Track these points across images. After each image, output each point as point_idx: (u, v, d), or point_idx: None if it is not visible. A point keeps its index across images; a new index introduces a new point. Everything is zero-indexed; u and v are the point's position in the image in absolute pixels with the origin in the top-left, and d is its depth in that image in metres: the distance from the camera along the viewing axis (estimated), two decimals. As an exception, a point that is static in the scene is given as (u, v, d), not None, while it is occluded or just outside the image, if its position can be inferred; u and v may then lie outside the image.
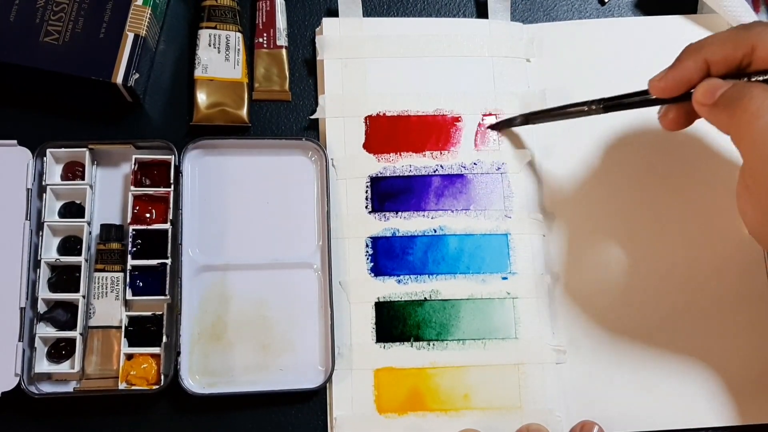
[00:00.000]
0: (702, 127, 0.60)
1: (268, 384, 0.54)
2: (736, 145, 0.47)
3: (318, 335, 0.55)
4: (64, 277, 0.55)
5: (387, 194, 0.59)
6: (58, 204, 0.56)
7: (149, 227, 0.55)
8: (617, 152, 0.60)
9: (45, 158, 0.55)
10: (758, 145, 0.45)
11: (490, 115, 0.60)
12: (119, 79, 0.55)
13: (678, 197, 0.60)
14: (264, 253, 0.57)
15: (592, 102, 0.53)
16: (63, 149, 0.56)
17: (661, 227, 0.59)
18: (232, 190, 0.58)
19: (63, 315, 0.54)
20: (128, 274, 0.54)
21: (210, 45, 0.59)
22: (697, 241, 0.59)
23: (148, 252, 0.55)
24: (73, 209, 0.56)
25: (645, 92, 0.51)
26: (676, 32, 0.63)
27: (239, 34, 0.60)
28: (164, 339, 0.53)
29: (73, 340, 0.53)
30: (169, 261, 0.54)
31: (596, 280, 0.58)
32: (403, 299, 0.57)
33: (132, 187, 0.55)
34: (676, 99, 0.50)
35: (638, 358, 0.56)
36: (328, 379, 0.54)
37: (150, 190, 0.56)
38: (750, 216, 0.48)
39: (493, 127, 0.60)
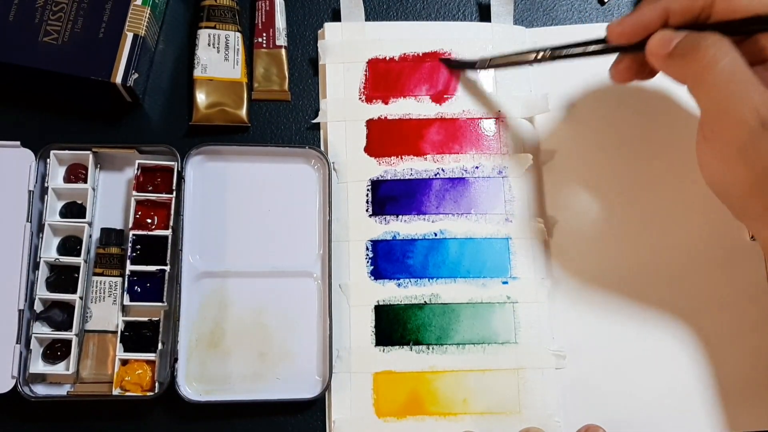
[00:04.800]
0: None
1: (265, 393, 0.56)
2: (693, 95, 0.49)
3: (316, 345, 0.57)
4: (63, 278, 0.57)
5: (387, 197, 0.61)
6: (60, 204, 0.58)
7: (149, 233, 0.57)
8: (619, 158, 0.62)
9: (48, 160, 0.57)
10: (714, 94, 0.47)
11: (492, 118, 0.62)
12: (118, 78, 0.57)
13: (680, 203, 0.61)
14: (264, 260, 0.58)
15: (540, 50, 0.56)
16: (66, 151, 0.58)
17: (663, 233, 0.61)
18: (233, 196, 0.59)
19: (59, 315, 0.56)
20: (126, 279, 0.56)
21: (209, 45, 0.61)
22: (700, 247, 0.61)
23: (148, 258, 0.57)
24: (74, 209, 0.58)
25: (593, 42, 0.54)
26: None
27: (238, 34, 0.62)
28: (159, 346, 0.56)
29: (68, 341, 0.55)
30: (167, 268, 0.56)
31: (597, 285, 0.60)
32: (402, 303, 0.59)
33: (134, 192, 0.57)
34: (630, 48, 0.52)
35: (639, 363, 0.58)
36: (326, 390, 0.56)
37: (152, 196, 0.58)
38: (710, 167, 0.50)
39: (448, 64, 0.63)
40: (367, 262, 0.59)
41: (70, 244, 0.58)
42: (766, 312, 0.59)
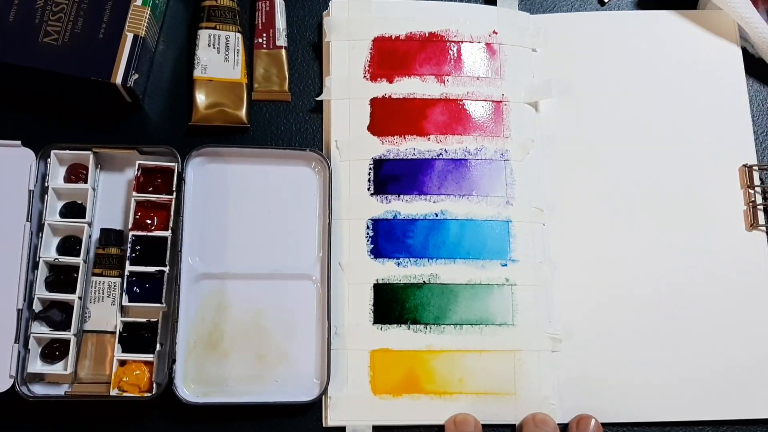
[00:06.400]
0: (705, 125, 0.63)
1: (263, 395, 0.56)
2: None
3: (314, 347, 0.58)
4: (62, 278, 0.57)
5: (389, 177, 0.61)
6: (60, 203, 0.59)
7: (149, 234, 0.58)
8: (620, 145, 0.63)
9: (49, 160, 0.58)
10: None
11: (496, 102, 0.63)
12: (118, 79, 0.58)
13: (680, 190, 0.62)
14: (263, 263, 0.59)
15: None
16: (67, 151, 0.58)
17: (662, 218, 0.62)
18: (233, 198, 0.60)
19: (58, 315, 0.57)
20: (125, 279, 0.57)
21: (209, 45, 0.62)
22: (697, 233, 0.61)
23: (147, 258, 0.57)
24: (74, 209, 0.59)
25: None
26: (678, 27, 0.66)
27: (239, 35, 0.62)
28: (158, 347, 0.56)
29: (66, 341, 0.56)
30: (166, 269, 0.57)
31: (594, 269, 0.61)
32: (401, 282, 0.59)
33: (134, 193, 0.58)
34: None
35: (634, 348, 0.59)
36: (323, 392, 0.56)
37: (152, 197, 0.58)
38: None
39: None
40: (367, 240, 0.60)
41: (69, 244, 0.58)
42: (765, 298, 0.60)
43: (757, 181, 0.62)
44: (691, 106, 0.64)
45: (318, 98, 0.63)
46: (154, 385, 0.55)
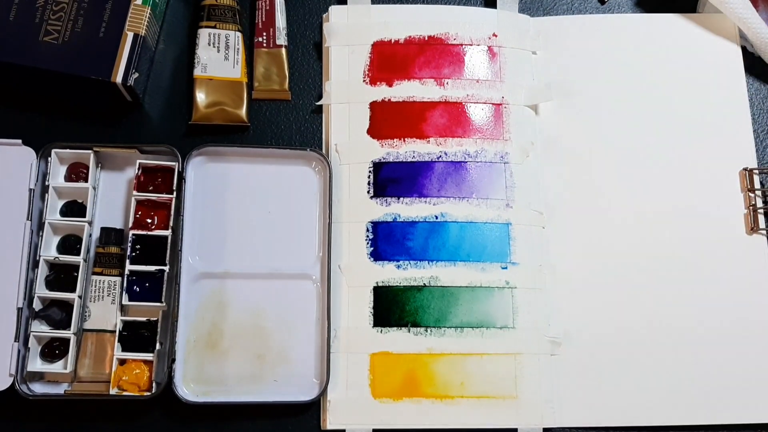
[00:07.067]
0: (706, 129, 0.63)
1: (262, 395, 0.57)
2: None
3: (314, 347, 0.58)
4: (62, 276, 0.58)
5: (389, 179, 0.61)
6: (60, 202, 0.59)
7: (149, 233, 0.58)
8: (620, 147, 0.63)
9: (49, 159, 0.58)
10: None
11: (496, 104, 0.63)
12: (119, 78, 0.58)
13: (680, 193, 0.62)
14: (263, 262, 0.59)
15: None
16: (67, 150, 0.59)
17: (662, 222, 0.62)
18: (234, 197, 0.60)
19: (58, 314, 0.57)
20: (126, 278, 0.57)
21: (209, 44, 0.62)
22: (698, 237, 0.61)
23: (147, 257, 0.58)
24: (74, 208, 0.59)
25: None
26: (677, 30, 0.66)
27: (239, 34, 0.63)
28: (157, 346, 0.56)
29: (66, 340, 0.56)
30: (166, 268, 0.57)
31: (594, 273, 0.61)
32: (401, 284, 0.59)
33: (135, 192, 0.58)
34: None
35: (633, 351, 0.59)
36: (323, 392, 0.56)
37: (153, 196, 0.58)
38: None
39: None
40: (367, 243, 0.60)
41: (69, 243, 0.58)
42: (765, 302, 0.60)
43: (757, 185, 0.62)
44: (692, 110, 0.64)
45: (318, 103, 0.63)
46: (154, 384, 0.56)
